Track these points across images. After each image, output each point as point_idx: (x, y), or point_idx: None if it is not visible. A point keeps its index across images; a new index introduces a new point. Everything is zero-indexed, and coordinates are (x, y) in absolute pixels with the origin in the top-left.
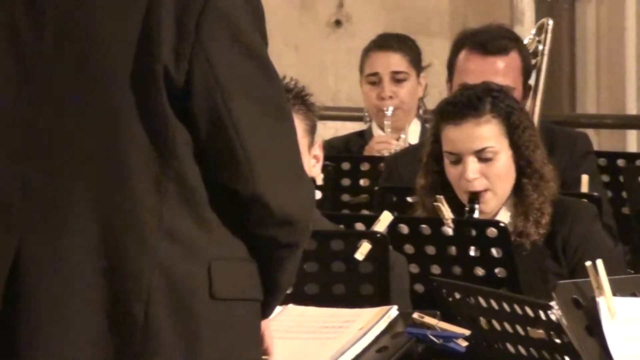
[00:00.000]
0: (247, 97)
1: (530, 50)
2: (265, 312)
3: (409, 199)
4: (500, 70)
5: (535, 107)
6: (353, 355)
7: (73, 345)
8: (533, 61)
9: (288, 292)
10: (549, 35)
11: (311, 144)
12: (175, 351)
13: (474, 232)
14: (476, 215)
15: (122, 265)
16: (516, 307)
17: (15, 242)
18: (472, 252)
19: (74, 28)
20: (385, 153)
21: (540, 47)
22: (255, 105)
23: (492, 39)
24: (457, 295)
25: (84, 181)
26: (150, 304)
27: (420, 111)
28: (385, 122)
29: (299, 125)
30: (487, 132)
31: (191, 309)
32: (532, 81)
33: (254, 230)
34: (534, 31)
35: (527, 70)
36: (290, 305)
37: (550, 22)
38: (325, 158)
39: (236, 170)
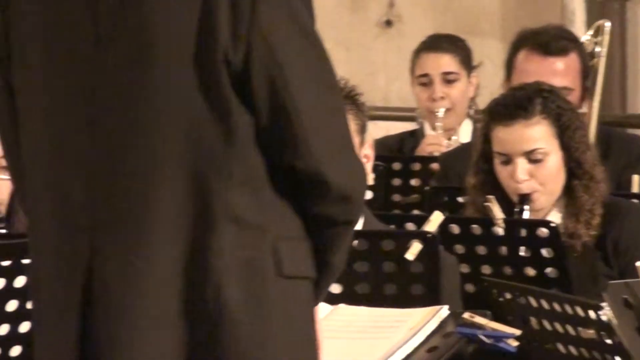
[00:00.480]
0: (305, 76)
1: (587, 52)
2: (318, 294)
3: (460, 199)
4: (560, 71)
5: (592, 109)
6: (404, 355)
7: (151, 329)
8: (590, 63)
9: (337, 291)
10: (606, 37)
11: (362, 144)
12: (249, 330)
13: (524, 232)
14: (526, 215)
15: (194, 251)
16: (567, 307)
17: (88, 237)
18: (522, 253)
19: (128, 18)
20: (436, 153)
21: (598, 49)
22: (312, 83)
23: (553, 40)
24: (508, 295)
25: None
26: (222, 287)
27: (471, 111)
28: (436, 124)
29: (350, 124)
30: (537, 134)
31: (261, 288)
32: (589, 83)
33: (312, 209)
34: (591, 32)
35: (585, 71)
36: (341, 305)
37: (608, 24)
38: (376, 158)
39: (296, 148)
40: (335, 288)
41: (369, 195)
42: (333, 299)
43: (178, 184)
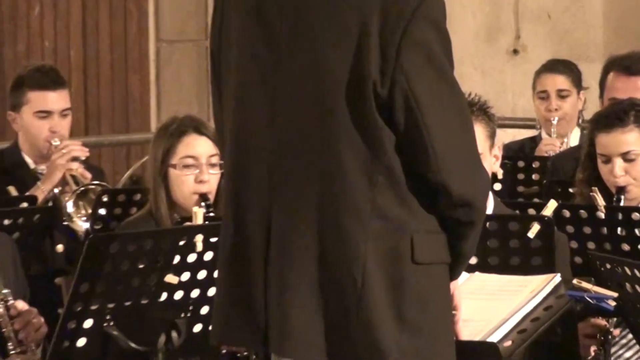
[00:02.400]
0: (437, 107)
1: None
2: (453, 275)
3: (570, 190)
4: None
5: None
6: (525, 312)
7: (300, 291)
8: None
9: (473, 262)
10: None
11: (492, 146)
12: (385, 307)
13: (620, 216)
14: (622, 203)
15: (342, 239)
16: None
17: (267, 215)
18: (619, 232)
19: (302, 45)
20: (551, 153)
21: None
22: (443, 113)
23: (635, 63)
24: (608, 266)
25: (309, 174)
26: (366, 269)
27: (580, 121)
28: (552, 130)
29: (482, 131)
30: (631, 139)
31: (398, 272)
32: None
33: (441, 211)
34: None
35: None
36: (477, 273)
37: None
38: (505, 157)
39: (427, 164)
40: (472, 260)
41: (498, 187)
42: (470, 269)
43: (336, 183)
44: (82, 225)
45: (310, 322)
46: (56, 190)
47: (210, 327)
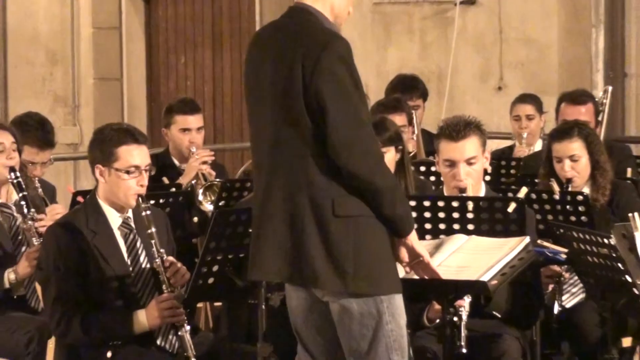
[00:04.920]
0: (337, 104)
1: (600, 103)
2: (397, 234)
3: (536, 180)
4: (583, 113)
5: (601, 132)
6: (506, 262)
7: (282, 239)
8: (601, 108)
9: (471, 228)
10: (609, 95)
11: (484, 151)
12: (317, 245)
13: (569, 198)
14: (570, 189)
15: (291, 202)
16: (593, 237)
17: (263, 185)
18: (568, 208)
19: (278, 83)
20: (522, 156)
21: (605, 101)
22: (342, 114)
23: (578, 96)
24: (561, 231)
25: (283, 159)
26: (304, 220)
27: (541, 134)
28: (523, 141)
29: (478, 140)
30: (576, 146)
31: (325, 222)
32: (600, 118)
33: (348, 181)
34: (601, 94)
35: (597, 112)
36: (473, 236)
37: (610, 88)
38: (492, 159)
39: (332, 147)
40: (470, 226)
41: (488, 178)
42: (468, 233)
43: (300, 161)
44: (208, 207)
45: (273, 256)
46: (193, 182)
47: None
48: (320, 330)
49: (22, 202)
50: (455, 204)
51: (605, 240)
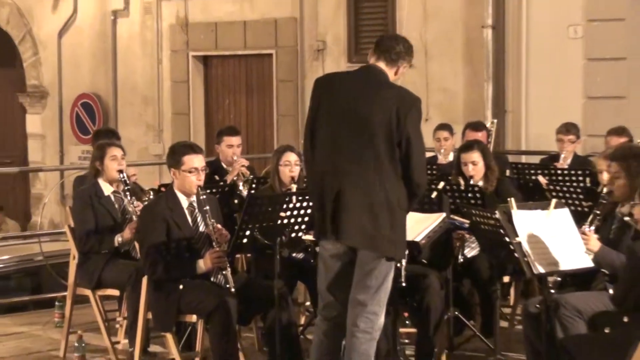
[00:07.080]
0: (416, 140)
1: (490, 129)
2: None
3: (449, 178)
4: (479, 136)
5: (491, 147)
6: (430, 229)
7: (362, 220)
8: (490, 132)
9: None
10: (495, 124)
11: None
12: (387, 225)
13: (470, 188)
14: (472, 183)
15: (373, 197)
16: (484, 213)
17: (338, 184)
18: (470, 195)
19: (358, 113)
20: (441, 163)
21: (492, 129)
22: (417, 147)
23: (476, 126)
24: (465, 210)
25: (362, 168)
26: (380, 210)
27: (453, 149)
28: (441, 154)
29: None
30: (475, 155)
31: (393, 211)
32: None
33: (411, 190)
34: (489, 123)
35: (488, 135)
36: (411, 212)
37: (495, 120)
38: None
39: (408, 168)
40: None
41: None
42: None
43: (376, 176)
44: (244, 194)
45: (354, 230)
46: (234, 178)
47: (292, 235)
48: (342, 273)
49: (127, 192)
50: None
51: (493, 215)
